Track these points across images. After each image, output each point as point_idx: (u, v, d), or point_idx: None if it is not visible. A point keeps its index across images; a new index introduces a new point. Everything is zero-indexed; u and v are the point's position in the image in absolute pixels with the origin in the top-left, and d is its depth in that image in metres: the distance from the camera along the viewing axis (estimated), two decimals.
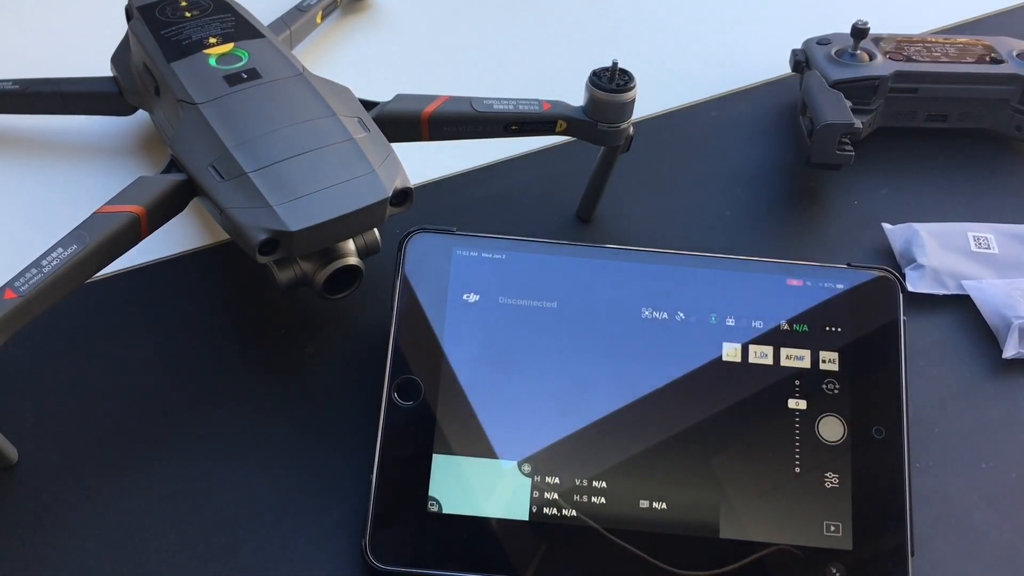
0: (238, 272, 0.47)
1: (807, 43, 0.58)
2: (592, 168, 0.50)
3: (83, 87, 0.52)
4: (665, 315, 0.41)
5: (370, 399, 0.42)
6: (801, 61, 0.57)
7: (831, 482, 0.38)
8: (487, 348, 0.40)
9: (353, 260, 0.41)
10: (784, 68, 0.61)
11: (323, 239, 0.39)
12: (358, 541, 0.37)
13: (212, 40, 0.46)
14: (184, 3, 0.49)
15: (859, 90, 0.54)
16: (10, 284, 0.36)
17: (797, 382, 0.40)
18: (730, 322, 0.41)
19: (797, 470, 0.38)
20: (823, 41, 0.57)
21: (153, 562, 0.36)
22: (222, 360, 0.43)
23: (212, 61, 0.44)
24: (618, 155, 0.48)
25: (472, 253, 0.42)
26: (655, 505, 0.37)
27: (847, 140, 0.50)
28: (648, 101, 0.57)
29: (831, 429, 0.39)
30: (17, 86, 0.51)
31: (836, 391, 0.40)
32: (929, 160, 0.57)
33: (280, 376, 0.43)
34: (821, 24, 0.62)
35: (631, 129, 0.47)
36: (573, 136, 0.48)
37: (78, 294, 0.40)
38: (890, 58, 0.56)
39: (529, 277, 0.41)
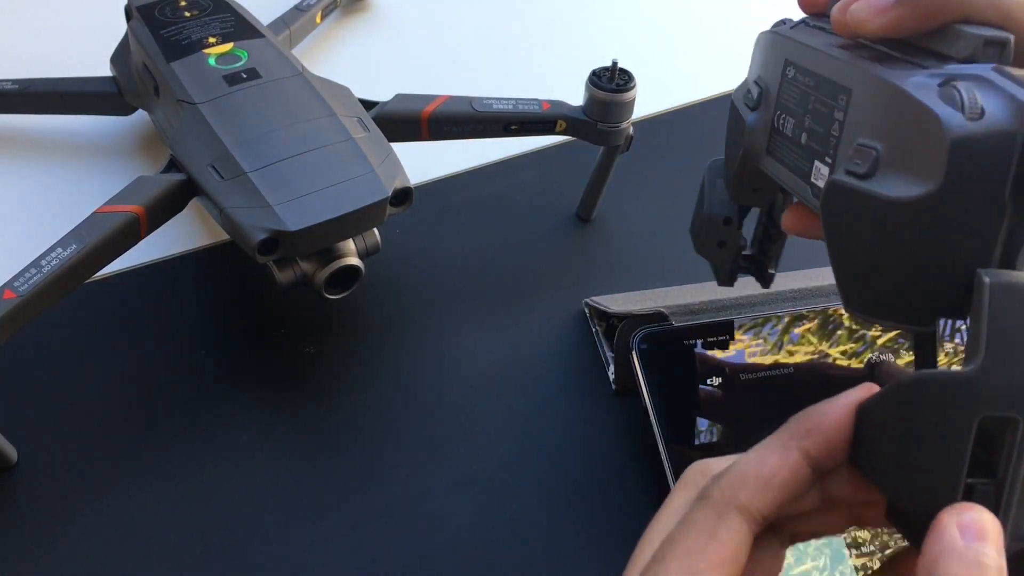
0: (238, 272, 0.47)
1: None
2: (592, 168, 0.50)
3: (83, 87, 0.52)
4: None
5: (369, 399, 0.42)
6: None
7: None
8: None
9: (353, 260, 0.41)
10: None
11: (323, 239, 0.39)
12: (357, 541, 0.37)
13: (212, 40, 0.46)
14: (184, 3, 0.49)
15: None
16: (9, 284, 0.36)
17: None
18: None
19: None
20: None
21: (153, 562, 0.36)
22: (222, 359, 0.43)
23: (212, 61, 0.44)
24: (618, 155, 0.48)
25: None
26: None
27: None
28: (648, 101, 0.57)
29: None
30: (17, 86, 0.51)
31: None
32: None
33: (281, 375, 0.43)
34: None
35: (631, 129, 0.47)
36: (573, 136, 0.48)
37: (78, 294, 0.40)
38: None
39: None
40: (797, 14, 0.31)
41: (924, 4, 0.23)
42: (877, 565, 0.36)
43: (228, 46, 0.46)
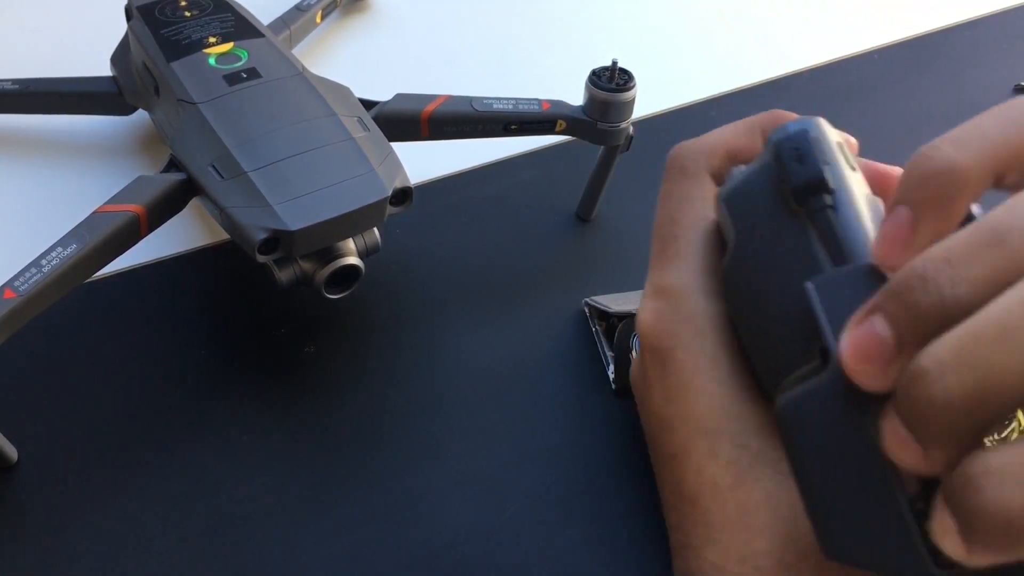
0: (238, 272, 0.47)
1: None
2: (592, 168, 0.50)
3: (83, 87, 0.52)
4: None
5: (369, 399, 0.42)
6: None
7: None
8: None
9: (353, 259, 0.41)
10: (784, 66, 0.61)
11: (323, 238, 0.39)
12: (357, 541, 0.37)
13: (212, 40, 0.46)
14: (184, 3, 0.49)
15: None
16: (10, 283, 0.36)
17: None
18: None
19: None
20: None
21: (153, 562, 0.36)
22: (223, 360, 0.43)
23: (212, 60, 0.44)
24: (618, 154, 0.48)
25: None
26: None
27: None
28: (648, 100, 0.57)
29: None
30: (17, 86, 0.51)
31: None
32: None
33: (281, 375, 0.43)
34: (820, 22, 0.62)
35: (631, 128, 0.47)
36: (573, 136, 0.48)
37: (78, 294, 0.40)
38: None
39: None
40: (797, 13, 0.31)
41: None
42: None
43: (228, 46, 0.46)
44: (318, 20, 0.60)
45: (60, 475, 0.39)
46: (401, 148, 0.43)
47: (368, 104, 0.46)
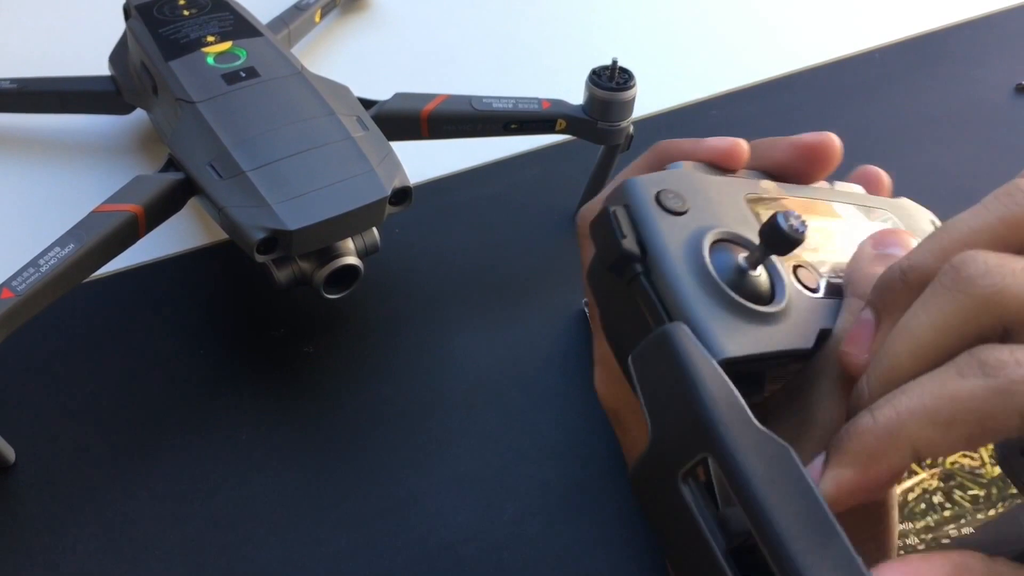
0: (237, 272, 0.47)
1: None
2: (592, 167, 0.50)
3: (81, 86, 0.51)
4: None
5: (369, 399, 0.42)
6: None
7: None
8: None
9: (352, 259, 0.41)
10: (784, 65, 0.61)
11: (322, 238, 0.39)
12: (356, 541, 0.37)
13: (210, 38, 0.46)
14: (182, 2, 0.48)
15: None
16: (7, 283, 0.36)
17: None
18: None
19: None
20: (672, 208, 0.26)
21: (152, 562, 0.36)
22: (221, 359, 0.43)
23: (210, 60, 0.44)
24: (618, 154, 0.48)
25: None
26: None
27: None
28: (648, 100, 0.57)
29: None
30: (14, 85, 0.51)
31: None
32: None
33: (280, 375, 0.43)
34: (821, 21, 0.62)
35: (631, 128, 0.47)
36: (573, 135, 0.47)
37: (76, 294, 0.40)
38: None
39: None
40: (798, 12, 0.32)
41: None
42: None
43: (227, 45, 0.45)
44: (317, 19, 0.60)
45: (58, 475, 0.39)
46: (400, 147, 0.43)
47: (367, 103, 0.46)
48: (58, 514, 0.37)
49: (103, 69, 0.52)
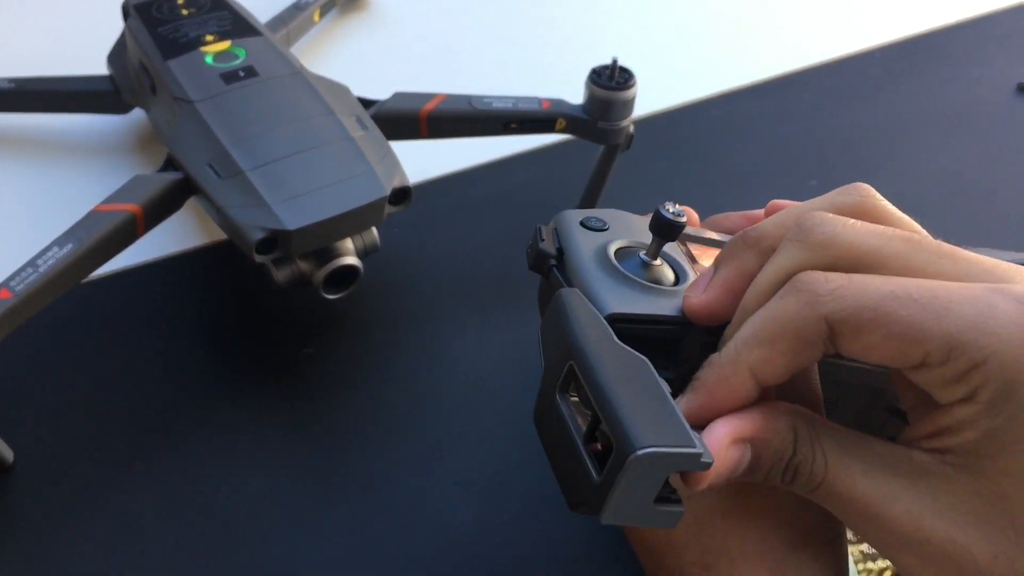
0: (236, 272, 0.47)
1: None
2: (592, 167, 0.49)
3: (79, 86, 0.51)
4: None
5: (368, 399, 0.42)
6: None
7: None
8: None
9: (351, 259, 0.41)
10: (785, 65, 0.61)
11: (321, 238, 0.39)
12: (356, 542, 0.37)
13: (209, 38, 0.46)
14: (180, 1, 0.48)
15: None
16: (5, 283, 0.36)
17: None
18: None
19: None
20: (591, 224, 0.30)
21: (153, 562, 0.36)
22: (221, 360, 0.43)
23: (209, 59, 0.44)
24: (618, 153, 0.48)
25: None
26: None
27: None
28: (648, 99, 0.57)
29: None
30: (13, 85, 0.51)
31: None
32: None
33: (279, 376, 0.43)
34: (821, 20, 0.62)
35: (631, 127, 0.47)
36: (573, 134, 0.47)
37: (74, 293, 0.40)
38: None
39: None
40: (798, 11, 0.32)
41: None
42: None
43: (225, 44, 0.45)
44: (316, 18, 0.60)
45: (57, 476, 0.39)
46: (400, 147, 0.43)
47: (366, 103, 0.46)
48: (56, 515, 0.37)
49: (102, 69, 0.52)
